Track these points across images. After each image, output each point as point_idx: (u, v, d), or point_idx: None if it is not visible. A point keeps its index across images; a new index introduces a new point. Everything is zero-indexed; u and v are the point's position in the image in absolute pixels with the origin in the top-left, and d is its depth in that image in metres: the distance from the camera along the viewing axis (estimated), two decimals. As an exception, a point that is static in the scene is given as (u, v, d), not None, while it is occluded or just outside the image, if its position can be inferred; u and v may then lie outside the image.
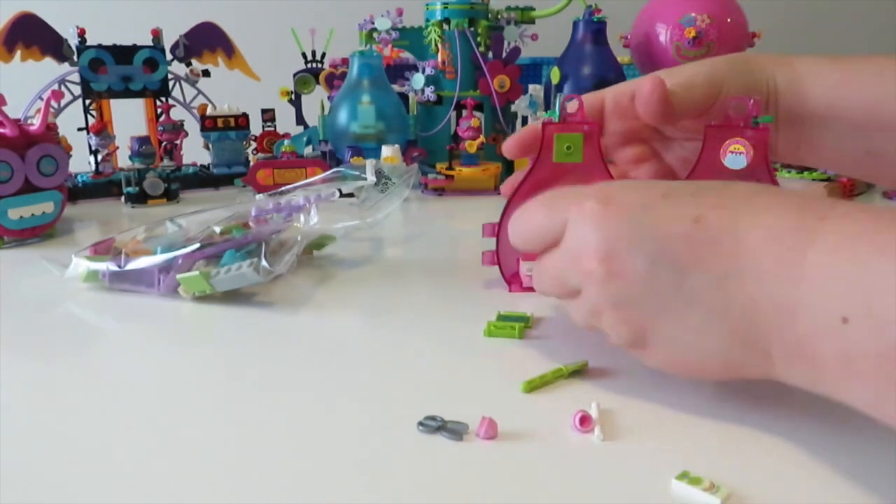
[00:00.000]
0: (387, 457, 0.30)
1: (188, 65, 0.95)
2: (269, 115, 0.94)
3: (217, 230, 0.53)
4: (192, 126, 0.95)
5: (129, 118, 0.95)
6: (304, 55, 1.01)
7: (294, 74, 1.00)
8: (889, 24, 1.79)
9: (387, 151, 0.83)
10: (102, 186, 0.85)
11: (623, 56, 1.00)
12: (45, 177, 0.65)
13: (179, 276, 0.48)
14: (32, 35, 0.85)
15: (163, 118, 0.92)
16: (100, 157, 0.87)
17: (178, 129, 0.93)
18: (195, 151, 0.98)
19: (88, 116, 0.88)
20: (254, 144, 0.94)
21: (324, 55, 1.01)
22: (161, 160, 0.90)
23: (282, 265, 0.48)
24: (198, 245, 0.50)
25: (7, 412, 0.34)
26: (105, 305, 0.49)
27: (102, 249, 0.53)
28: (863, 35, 1.76)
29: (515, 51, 0.96)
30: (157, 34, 0.90)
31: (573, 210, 0.34)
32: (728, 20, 0.91)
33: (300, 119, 1.01)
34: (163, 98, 0.92)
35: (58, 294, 0.51)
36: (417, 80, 0.94)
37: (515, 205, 0.42)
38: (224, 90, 0.96)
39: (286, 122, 0.98)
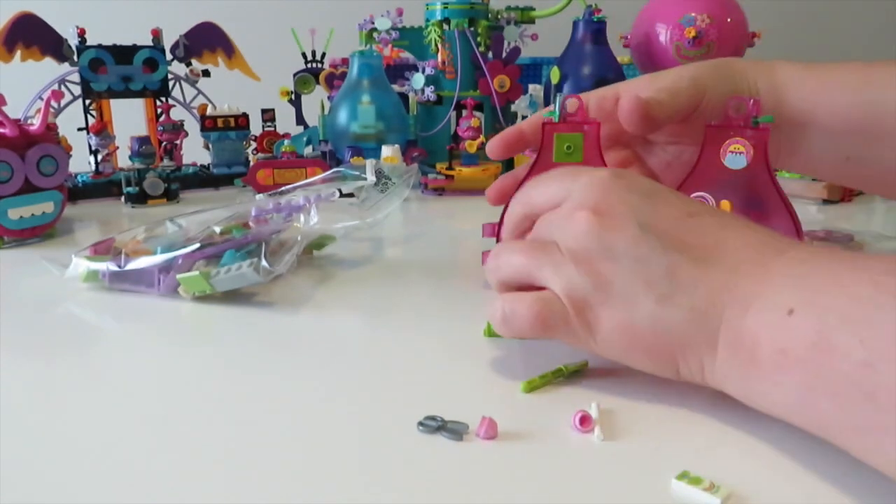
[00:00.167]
0: (387, 457, 0.30)
1: (188, 65, 0.95)
2: (269, 115, 0.94)
3: (217, 230, 0.53)
4: (192, 126, 0.95)
5: (129, 118, 0.95)
6: (304, 55, 1.01)
7: (294, 74, 1.00)
8: (889, 24, 1.79)
9: (387, 151, 0.83)
10: (102, 186, 0.85)
11: (623, 56, 0.99)
12: (45, 177, 0.65)
13: (179, 276, 0.48)
14: (32, 35, 0.85)
15: (163, 118, 0.92)
16: (100, 157, 0.87)
17: (178, 129, 0.92)
18: (195, 151, 0.98)
19: (88, 116, 0.88)
20: (254, 144, 0.94)
21: (324, 55, 1.01)
22: (161, 160, 0.90)
23: (282, 265, 0.48)
24: (198, 245, 0.50)
25: (7, 412, 0.34)
26: (105, 305, 0.49)
27: (102, 249, 0.53)
28: (863, 35, 1.76)
29: (515, 51, 0.96)
30: (157, 34, 0.90)
31: (585, 175, 0.36)
32: (728, 20, 0.91)
33: (300, 119, 1.01)
34: (163, 98, 0.92)
35: (58, 294, 0.51)
36: (417, 80, 0.94)
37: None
38: (224, 90, 0.96)
39: (286, 122, 0.98)
